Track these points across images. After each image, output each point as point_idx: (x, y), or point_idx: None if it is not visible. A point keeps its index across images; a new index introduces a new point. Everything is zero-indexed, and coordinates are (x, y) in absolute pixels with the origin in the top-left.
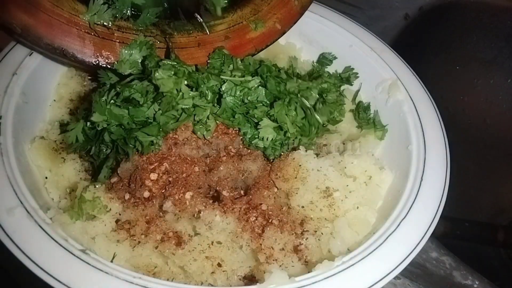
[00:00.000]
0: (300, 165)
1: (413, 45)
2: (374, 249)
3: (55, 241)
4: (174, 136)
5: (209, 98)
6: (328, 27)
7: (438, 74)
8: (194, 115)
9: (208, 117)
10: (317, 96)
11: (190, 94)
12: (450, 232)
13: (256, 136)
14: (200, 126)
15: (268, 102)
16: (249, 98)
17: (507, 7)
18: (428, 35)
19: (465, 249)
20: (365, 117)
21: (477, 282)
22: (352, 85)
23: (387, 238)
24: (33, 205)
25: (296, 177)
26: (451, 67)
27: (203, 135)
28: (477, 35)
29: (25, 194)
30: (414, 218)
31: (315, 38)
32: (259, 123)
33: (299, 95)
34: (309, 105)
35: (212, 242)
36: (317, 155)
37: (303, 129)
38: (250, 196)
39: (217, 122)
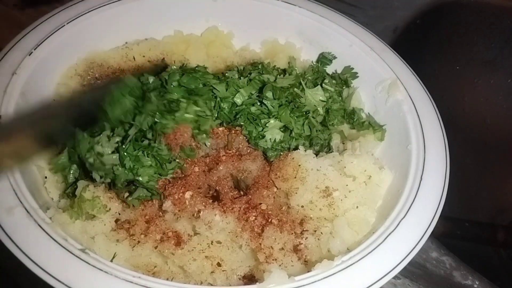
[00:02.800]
0: (299, 165)
1: (413, 45)
2: (374, 249)
3: (55, 241)
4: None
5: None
6: (328, 27)
7: (438, 74)
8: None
9: (210, 126)
10: (323, 114)
11: (193, 108)
12: (450, 232)
13: (261, 136)
14: (203, 136)
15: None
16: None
17: (507, 7)
18: (428, 35)
19: (465, 249)
20: (358, 122)
21: (477, 282)
22: (349, 87)
23: (386, 237)
24: (32, 204)
25: (295, 177)
26: (451, 67)
27: (204, 143)
28: (477, 35)
29: (25, 194)
30: (413, 217)
31: (315, 38)
32: (267, 124)
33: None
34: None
35: (212, 242)
36: (317, 154)
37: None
38: (250, 196)
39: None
